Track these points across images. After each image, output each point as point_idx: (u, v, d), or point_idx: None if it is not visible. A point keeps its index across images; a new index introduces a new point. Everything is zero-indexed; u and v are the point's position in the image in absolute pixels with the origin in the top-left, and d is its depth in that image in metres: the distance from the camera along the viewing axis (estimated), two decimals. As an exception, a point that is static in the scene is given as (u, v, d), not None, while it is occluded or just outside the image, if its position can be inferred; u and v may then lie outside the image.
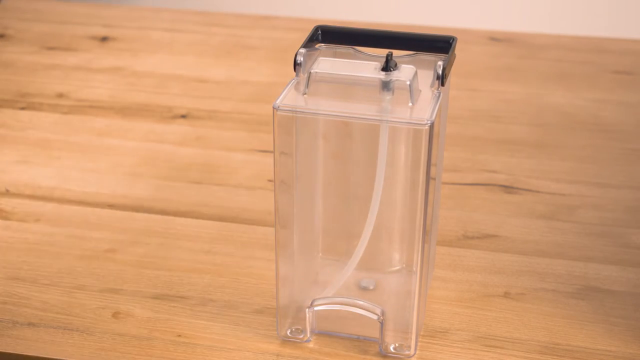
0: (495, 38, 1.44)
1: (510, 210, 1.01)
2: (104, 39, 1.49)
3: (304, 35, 1.51)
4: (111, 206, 1.01)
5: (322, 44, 0.79)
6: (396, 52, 0.77)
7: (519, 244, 0.95)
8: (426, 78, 0.76)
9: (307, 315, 0.79)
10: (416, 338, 0.78)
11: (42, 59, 1.41)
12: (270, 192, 1.04)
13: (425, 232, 0.75)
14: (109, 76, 1.35)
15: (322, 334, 0.81)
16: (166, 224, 0.98)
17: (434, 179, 0.78)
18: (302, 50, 0.76)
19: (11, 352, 0.80)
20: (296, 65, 0.75)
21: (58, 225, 0.98)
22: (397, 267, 0.85)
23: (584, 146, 1.15)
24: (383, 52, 0.77)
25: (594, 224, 0.98)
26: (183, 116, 1.23)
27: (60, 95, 1.29)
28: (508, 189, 1.05)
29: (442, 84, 0.74)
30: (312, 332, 0.80)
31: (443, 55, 0.76)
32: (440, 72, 0.73)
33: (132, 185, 1.06)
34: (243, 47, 1.47)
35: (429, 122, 0.71)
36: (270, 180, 1.06)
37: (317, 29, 0.78)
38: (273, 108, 0.73)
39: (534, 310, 0.85)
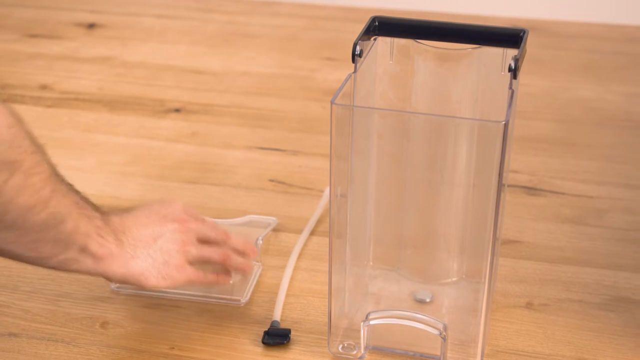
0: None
1: (534, 214, 1.01)
2: (91, 26, 1.50)
3: (309, 22, 1.51)
4: (99, 207, 1.02)
5: (378, 36, 0.80)
6: (459, 46, 0.78)
7: (543, 251, 0.95)
8: (495, 72, 0.77)
9: (362, 329, 0.80)
10: (482, 356, 0.79)
11: (24, 48, 1.42)
12: (272, 193, 1.04)
13: (495, 242, 0.76)
14: (96, 66, 1.36)
15: (375, 349, 0.82)
16: (158, 227, 0.99)
17: (505, 184, 0.78)
18: (361, 42, 0.77)
19: (-10, 365, 0.81)
20: (355, 56, 0.76)
21: (41, 228, 0.98)
22: (455, 279, 0.86)
23: (614, 144, 1.15)
24: (444, 45, 0.78)
25: (624, 229, 0.99)
26: (177, 110, 1.24)
27: (44, 87, 1.30)
28: (531, 190, 1.06)
29: (515, 77, 0.75)
30: (366, 347, 0.81)
31: (512, 49, 0.78)
32: (513, 66, 0.74)
33: (121, 184, 1.06)
34: (241, 35, 1.48)
35: (504, 118, 0.71)
36: (271, 180, 1.07)
37: (373, 20, 0.80)
38: (331, 103, 0.73)
39: (558, 323, 0.86)
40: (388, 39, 0.80)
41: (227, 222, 0.98)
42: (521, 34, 0.78)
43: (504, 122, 0.71)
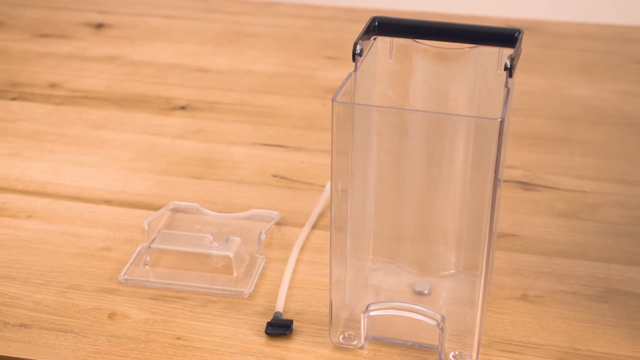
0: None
1: (529, 208, 1.01)
2: (99, 25, 1.50)
3: (311, 23, 1.51)
4: (107, 202, 1.02)
5: (378, 36, 0.81)
6: (456, 45, 0.78)
7: (538, 244, 0.95)
8: (491, 71, 0.77)
9: (362, 320, 0.80)
10: (478, 346, 0.79)
11: (34, 47, 1.42)
12: (275, 188, 1.05)
13: (491, 235, 0.76)
14: (104, 65, 1.36)
15: (375, 340, 0.82)
16: (165, 221, 0.99)
17: (501, 179, 0.78)
18: (361, 42, 0.77)
19: (2, 354, 0.81)
20: (355, 55, 0.77)
21: (51, 222, 0.99)
22: (452, 271, 0.86)
23: (608, 141, 1.15)
24: (442, 44, 0.78)
25: (617, 223, 0.99)
26: (182, 108, 1.24)
27: (53, 85, 1.30)
28: (526, 185, 1.06)
29: (510, 76, 0.75)
30: (366, 338, 0.81)
31: (508, 49, 0.78)
32: (509, 65, 0.74)
33: (129, 180, 1.07)
34: (246, 35, 1.48)
35: (500, 116, 0.71)
36: (274, 176, 1.07)
37: (373, 20, 0.80)
38: (332, 101, 0.74)
39: (553, 314, 0.86)
40: (387, 39, 0.80)
41: (231, 217, 0.98)
42: (516, 34, 0.78)
43: (499, 119, 0.71)
